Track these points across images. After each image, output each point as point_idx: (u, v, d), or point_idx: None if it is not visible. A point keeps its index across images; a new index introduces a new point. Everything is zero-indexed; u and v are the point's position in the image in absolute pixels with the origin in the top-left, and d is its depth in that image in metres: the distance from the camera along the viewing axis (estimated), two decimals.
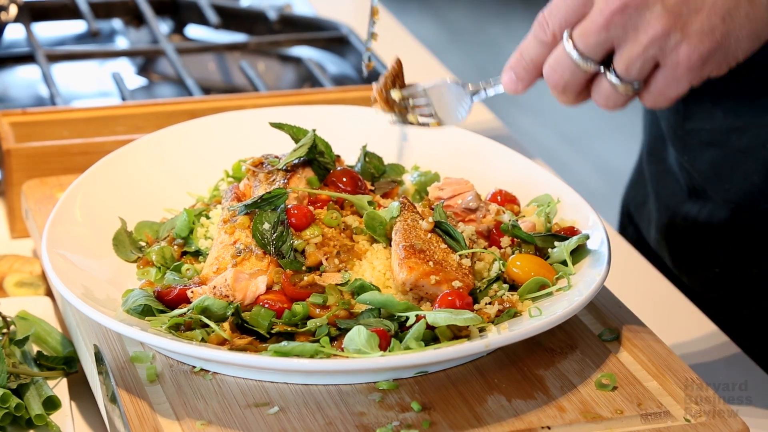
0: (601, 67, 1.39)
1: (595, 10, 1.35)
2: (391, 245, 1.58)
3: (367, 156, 1.77)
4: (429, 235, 1.57)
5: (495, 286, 1.56)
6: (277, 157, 1.70)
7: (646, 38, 1.32)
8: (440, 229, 1.58)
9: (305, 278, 1.54)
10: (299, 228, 1.59)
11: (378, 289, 1.53)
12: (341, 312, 1.50)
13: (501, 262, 1.58)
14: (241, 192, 1.68)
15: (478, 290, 1.56)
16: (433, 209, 1.61)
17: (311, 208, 1.61)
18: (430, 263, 1.52)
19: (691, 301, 1.87)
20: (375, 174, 1.76)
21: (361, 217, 1.61)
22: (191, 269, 1.61)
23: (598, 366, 1.51)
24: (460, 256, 1.55)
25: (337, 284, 1.54)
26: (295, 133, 1.71)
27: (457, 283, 1.51)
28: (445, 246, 1.57)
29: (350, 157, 1.78)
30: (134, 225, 1.72)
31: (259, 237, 1.57)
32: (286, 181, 1.65)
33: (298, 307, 1.51)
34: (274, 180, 1.65)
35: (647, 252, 2.04)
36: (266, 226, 1.58)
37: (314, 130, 1.69)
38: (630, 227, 2.17)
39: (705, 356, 1.76)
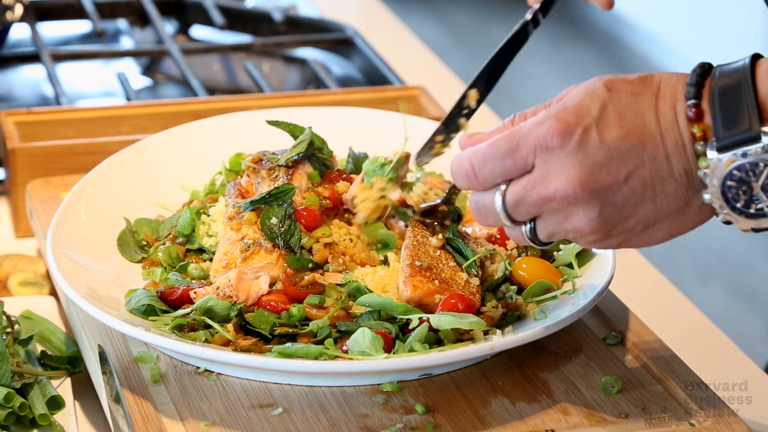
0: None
1: (531, 183, 1.33)
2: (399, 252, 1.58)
3: (353, 157, 1.77)
4: (438, 252, 1.57)
5: (503, 287, 1.56)
6: (274, 153, 1.70)
7: (572, 227, 1.33)
8: (450, 246, 1.58)
9: (306, 277, 1.54)
10: (309, 229, 1.59)
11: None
12: (340, 313, 1.50)
13: (507, 261, 1.58)
14: (243, 188, 1.68)
15: (486, 291, 1.56)
16: (446, 226, 1.60)
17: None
18: (436, 282, 1.51)
19: None
20: None
21: None
22: (198, 268, 1.61)
23: (603, 369, 1.51)
24: (468, 274, 1.55)
25: (337, 284, 1.54)
26: (292, 130, 1.72)
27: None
28: (454, 264, 1.56)
29: None
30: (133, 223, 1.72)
31: (268, 231, 1.58)
32: (289, 177, 1.65)
33: (294, 309, 1.51)
34: (276, 176, 1.66)
35: None
36: (274, 220, 1.59)
37: (310, 127, 1.70)
38: None
39: (706, 357, 1.75)
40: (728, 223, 1.31)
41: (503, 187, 1.34)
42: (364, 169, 1.61)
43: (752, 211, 1.29)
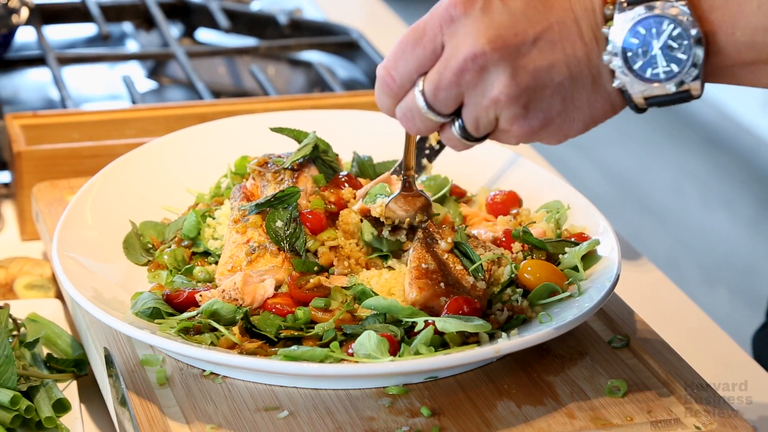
0: (450, 118, 1.36)
1: (443, 64, 1.31)
2: (403, 257, 1.58)
3: (357, 160, 1.78)
4: (446, 255, 1.57)
5: (509, 290, 1.56)
6: (280, 156, 1.70)
7: (489, 101, 1.31)
8: (458, 250, 1.58)
9: (311, 281, 1.54)
10: (314, 233, 1.59)
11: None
12: (345, 316, 1.50)
13: (513, 265, 1.58)
14: (249, 191, 1.68)
15: (492, 294, 1.56)
16: (455, 230, 1.60)
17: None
18: (442, 285, 1.51)
19: None
20: (372, 177, 1.77)
21: None
22: (203, 271, 1.61)
23: (608, 372, 1.51)
24: (475, 278, 1.55)
25: (342, 287, 1.54)
26: (296, 136, 1.73)
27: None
28: (461, 267, 1.56)
29: None
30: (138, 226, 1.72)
31: (273, 234, 1.58)
32: (294, 180, 1.65)
33: (299, 312, 1.51)
34: (282, 179, 1.66)
35: None
36: (279, 223, 1.59)
37: (314, 132, 1.70)
38: None
39: (712, 360, 1.76)
40: (627, 100, 1.30)
41: (420, 81, 1.33)
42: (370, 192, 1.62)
43: (648, 75, 1.30)
